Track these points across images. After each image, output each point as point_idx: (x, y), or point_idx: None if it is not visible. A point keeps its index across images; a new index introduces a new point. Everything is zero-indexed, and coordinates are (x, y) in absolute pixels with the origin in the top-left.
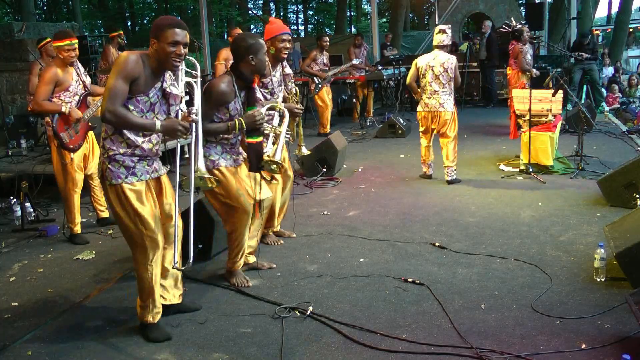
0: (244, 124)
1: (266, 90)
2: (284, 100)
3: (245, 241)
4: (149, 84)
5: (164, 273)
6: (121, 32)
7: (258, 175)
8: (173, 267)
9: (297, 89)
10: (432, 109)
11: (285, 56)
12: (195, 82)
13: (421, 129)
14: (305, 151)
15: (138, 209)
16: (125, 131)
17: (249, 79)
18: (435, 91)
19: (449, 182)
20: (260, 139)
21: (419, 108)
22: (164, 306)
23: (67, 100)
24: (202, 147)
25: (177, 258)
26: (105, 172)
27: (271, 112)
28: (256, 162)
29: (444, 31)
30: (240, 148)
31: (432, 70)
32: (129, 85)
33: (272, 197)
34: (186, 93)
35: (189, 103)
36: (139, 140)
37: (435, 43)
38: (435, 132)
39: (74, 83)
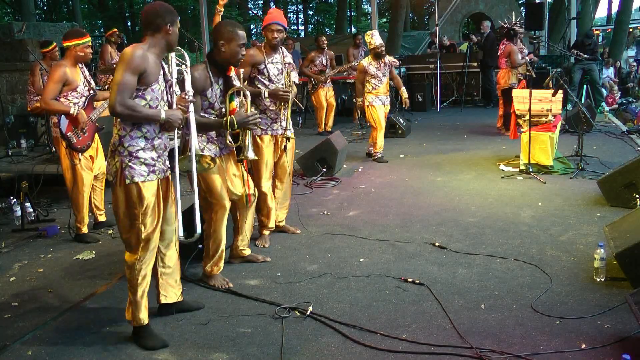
0: (235, 122)
1: (263, 76)
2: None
3: (223, 243)
4: (156, 72)
5: (165, 271)
6: (115, 30)
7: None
8: (179, 240)
9: (294, 76)
10: None
11: (275, 44)
12: (185, 70)
13: None
14: (289, 134)
15: (149, 209)
16: (144, 124)
17: (222, 67)
18: None
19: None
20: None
21: None
22: (165, 305)
23: (74, 100)
24: (195, 129)
25: (181, 230)
26: (125, 170)
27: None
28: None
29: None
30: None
31: None
32: (137, 79)
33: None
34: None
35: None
36: (156, 130)
37: None
38: None
39: (81, 84)
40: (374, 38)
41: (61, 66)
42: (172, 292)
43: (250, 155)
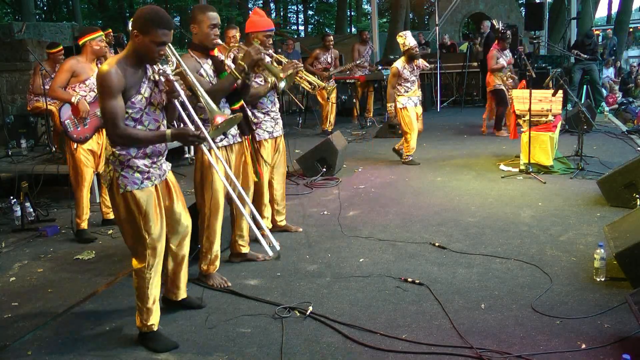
0: (242, 63)
1: (260, 79)
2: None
3: (217, 242)
4: (137, 82)
5: (177, 269)
6: (109, 30)
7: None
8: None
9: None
10: None
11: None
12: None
13: None
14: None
15: (149, 215)
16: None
17: (202, 48)
18: None
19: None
20: (241, 103)
21: None
22: (172, 302)
23: (82, 93)
24: (206, 95)
25: (273, 242)
26: (118, 179)
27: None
28: (245, 124)
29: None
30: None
31: None
32: (121, 97)
33: (252, 194)
34: None
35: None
36: None
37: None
38: None
39: (91, 78)
40: (408, 39)
41: (72, 59)
42: (181, 289)
43: (282, 81)
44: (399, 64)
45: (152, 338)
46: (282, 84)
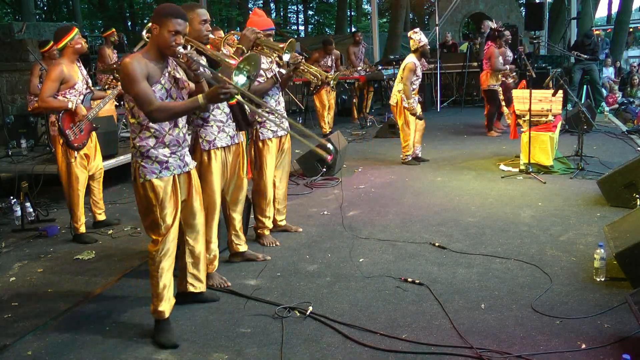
0: (244, 48)
1: (262, 78)
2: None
3: (215, 240)
4: (158, 72)
5: (194, 262)
6: (113, 30)
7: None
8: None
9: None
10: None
11: None
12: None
13: None
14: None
15: (164, 203)
16: (150, 124)
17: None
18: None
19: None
20: (235, 99)
21: None
22: (189, 295)
23: (72, 98)
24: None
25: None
26: (138, 170)
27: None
28: (242, 119)
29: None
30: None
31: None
32: (146, 81)
33: (244, 194)
34: None
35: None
36: (166, 128)
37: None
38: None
39: (79, 82)
40: (422, 36)
41: (58, 65)
42: (199, 283)
43: (285, 53)
44: (414, 59)
45: (159, 329)
46: (286, 56)
